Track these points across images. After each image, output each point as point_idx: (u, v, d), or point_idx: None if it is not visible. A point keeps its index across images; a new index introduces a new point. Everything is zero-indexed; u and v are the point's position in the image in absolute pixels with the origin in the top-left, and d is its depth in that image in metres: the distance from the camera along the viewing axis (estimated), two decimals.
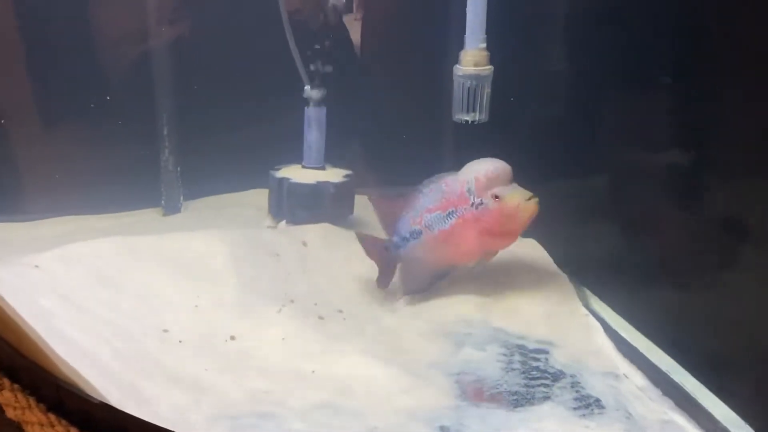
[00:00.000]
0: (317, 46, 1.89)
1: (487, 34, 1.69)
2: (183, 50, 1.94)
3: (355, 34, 2.10)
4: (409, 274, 1.60)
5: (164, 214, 2.01)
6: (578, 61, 1.66)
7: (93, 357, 1.18)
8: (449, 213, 1.54)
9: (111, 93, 1.92)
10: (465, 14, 1.75)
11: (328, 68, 1.89)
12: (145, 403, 1.12)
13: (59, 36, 1.87)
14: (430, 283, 1.59)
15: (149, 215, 2.01)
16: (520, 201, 1.46)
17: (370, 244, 1.63)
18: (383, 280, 1.60)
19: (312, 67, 1.90)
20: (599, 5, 1.57)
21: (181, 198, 2.03)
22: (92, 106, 1.89)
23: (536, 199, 1.46)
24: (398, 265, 1.60)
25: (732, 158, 1.18)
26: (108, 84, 1.93)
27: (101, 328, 1.24)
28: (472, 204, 1.51)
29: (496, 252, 1.57)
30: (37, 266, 1.33)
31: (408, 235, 1.59)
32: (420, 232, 1.57)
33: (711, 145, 1.24)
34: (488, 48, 1.75)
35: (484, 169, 1.51)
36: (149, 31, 1.90)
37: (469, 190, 1.52)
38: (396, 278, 1.61)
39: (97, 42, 1.93)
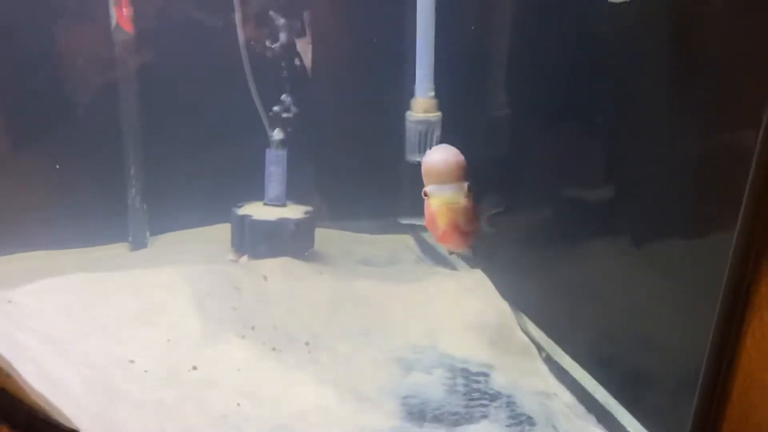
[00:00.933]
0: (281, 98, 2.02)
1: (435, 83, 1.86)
2: (148, 87, 2.03)
3: (307, 58, 2.13)
4: None
5: (131, 249, 2.10)
6: (519, 105, 1.82)
7: (63, 386, 1.26)
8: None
9: (78, 129, 2.01)
10: (414, 62, 1.93)
11: (290, 113, 2.01)
12: (113, 430, 1.21)
13: (26, 67, 1.92)
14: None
15: (116, 250, 2.09)
16: (438, 205, 1.27)
17: None
18: None
19: (273, 110, 2.03)
20: (533, 58, 1.73)
21: (148, 233, 2.12)
22: (59, 146, 1.98)
23: (455, 207, 1.26)
24: None
25: (660, 192, 1.31)
26: (76, 119, 2.01)
27: (71, 359, 1.32)
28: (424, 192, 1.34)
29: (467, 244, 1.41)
30: (10, 301, 1.41)
31: None
32: None
33: (639, 180, 1.38)
34: (436, 95, 1.92)
35: (427, 158, 1.33)
36: (116, 62, 1.97)
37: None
38: None
39: (65, 74, 1.99)
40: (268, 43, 1.98)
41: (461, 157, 1.30)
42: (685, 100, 1.22)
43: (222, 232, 2.19)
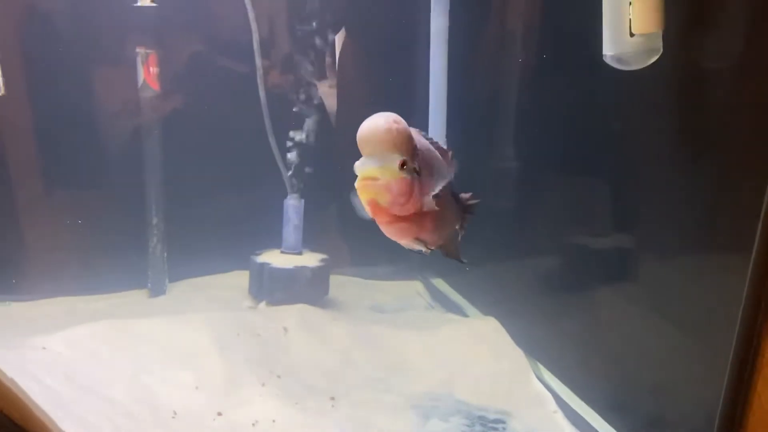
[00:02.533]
0: (293, 138, 2.10)
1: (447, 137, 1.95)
2: (170, 141, 2.12)
3: (330, 102, 2.15)
4: None
5: (150, 296, 2.14)
6: (528, 157, 1.90)
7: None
8: None
9: (104, 179, 2.09)
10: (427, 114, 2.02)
11: (308, 169, 2.10)
12: None
13: (60, 121, 2.02)
14: None
15: (136, 296, 2.14)
16: (357, 181, 0.94)
17: None
18: None
19: (290, 160, 2.11)
20: (542, 112, 1.82)
21: (167, 280, 2.17)
22: (86, 195, 2.06)
23: (377, 183, 0.92)
24: None
25: (668, 240, 1.36)
26: (102, 171, 2.09)
27: (101, 406, 1.36)
28: None
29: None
30: (44, 348, 1.45)
31: None
32: None
33: (647, 229, 1.45)
34: (449, 147, 2.00)
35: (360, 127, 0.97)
36: (141, 117, 2.06)
37: None
38: None
39: (96, 129, 2.09)
40: (287, 87, 2.07)
41: (398, 125, 0.94)
42: (690, 155, 1.30)
43: (237, 278, 2.25)
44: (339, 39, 2.09)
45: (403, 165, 0.94)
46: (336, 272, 2.30)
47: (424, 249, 1.02)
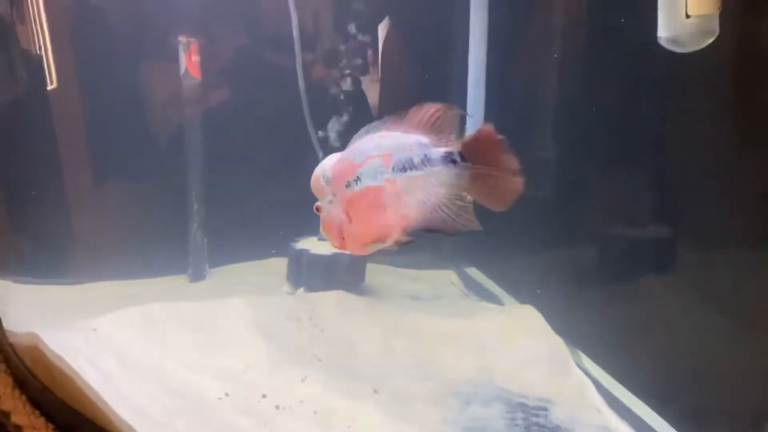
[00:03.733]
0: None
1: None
2: (211, 128, 2.15)
3: (373, 96, 2.16)
4: None
5: (191, 281, 2.18)
6: (565, 147, 1.89)
7: (145, 413, 1.33)
8: None
9: (148, 166, 2.13)
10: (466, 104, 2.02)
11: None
12: None
13: (107, 111, 2.06)
14: None
15: (177, 282, 2.18)
16: None
17: None
18: None
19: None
20: (582, 99, 1.81)
21: (207, 266, 2.21)
22: (132, 183, 2.10)
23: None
24: None
25: (710, 230, 1.36)
26: (146, 159, 2.13)
27: (151, 386, 1.39)
28: None
29: None
30: (95, 329, 1.49)
31: None
32: None
33: (688, 218, 1.43)
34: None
35: None
36: (183, 104, 2.09)
37: None
38: None
39: (140, 117, 2.13)
40: (326, 79, 2.08)
41: (319, 173, 1.10)
42: (741, 142, 1.28)
43: (275, 265, 2.28)
44: (382, 30, 2.09)
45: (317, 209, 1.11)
46: (370, 260, 2.31)
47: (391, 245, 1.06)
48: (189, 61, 2.03)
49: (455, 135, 0.99)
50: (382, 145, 0.98)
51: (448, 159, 0.96)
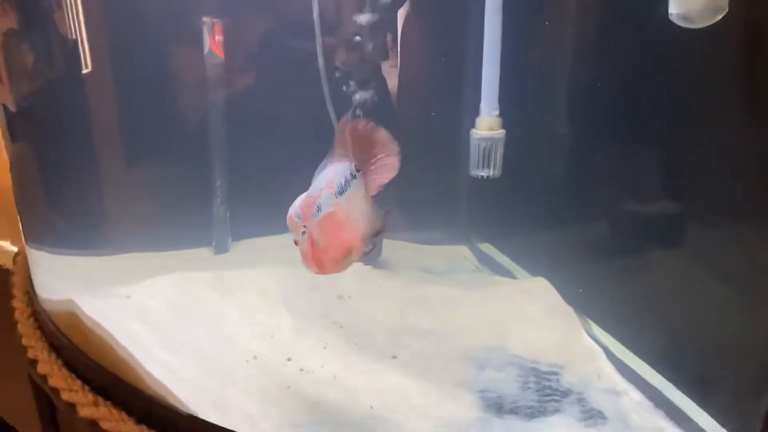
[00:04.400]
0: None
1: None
2: (234, 106, 2.21)
3: (392, 81, 2.17)
4: None
5: (215, 253, 2.26)
6: (578, 123, 1.93)
7: (179, 373, 1.42)
8: None
9: (171, 143, 2.19)
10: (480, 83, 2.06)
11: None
12: (224, 415, 1.36)
13: (134, 90, 2.09)
14: None
15: (201, 254, 2.26)
16: None
17: None
18: None
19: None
20: (594, 78, 1.84)
21: (230, 239, 2.29)
22: (157, 158, 2.18)
23: None
24: None
25: (719, 204, 1.40)
26: (171, 136, 2.19)
27: (184, 350, 1.48)
28: None
29: None
30: (128, 296, 1.58)
31: None
32: None
33: (698, 193, 1.48)
34: (500, 114, 2.05)
35: None
36: (207, 83, 2.13)
37: None
38: None
39: (165, 95, 2.16)
40: (347, 61, 2.12)
41: (293, 210, 1.28)
42: (750, 118, 1.32)
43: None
44: (401, 16, 2.13)
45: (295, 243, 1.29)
46: (385, 236, 2.37)
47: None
48: (213, 41, 2.09)
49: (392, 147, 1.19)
50: (328, 177, 1.18)
51: (352, 175, 1.15)
